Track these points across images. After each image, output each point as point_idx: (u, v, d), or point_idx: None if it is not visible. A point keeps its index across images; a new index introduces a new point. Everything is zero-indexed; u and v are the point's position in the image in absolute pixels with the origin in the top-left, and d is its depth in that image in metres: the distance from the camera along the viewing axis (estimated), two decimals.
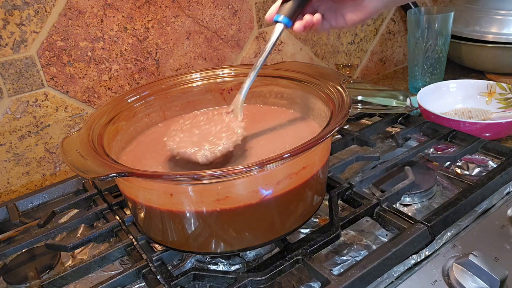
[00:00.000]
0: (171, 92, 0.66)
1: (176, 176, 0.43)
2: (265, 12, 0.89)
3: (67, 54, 0.71)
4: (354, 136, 0.72)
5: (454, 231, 0.53)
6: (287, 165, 0.45)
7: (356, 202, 0.57)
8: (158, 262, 0.51)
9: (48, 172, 0.75)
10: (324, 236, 0.50)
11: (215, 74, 0.67)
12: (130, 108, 0.61)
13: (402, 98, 0.80)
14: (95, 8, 0.71)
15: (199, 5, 0.81)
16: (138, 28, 0.76)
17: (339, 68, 0.97)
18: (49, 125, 0.72)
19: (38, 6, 0.66)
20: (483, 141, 0.68)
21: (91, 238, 0.56)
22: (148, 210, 0.49)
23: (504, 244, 0.51)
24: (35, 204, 0.67)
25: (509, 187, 0.59)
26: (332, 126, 0.46)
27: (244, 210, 0.45)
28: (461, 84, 0.88)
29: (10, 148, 0.70)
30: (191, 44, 0.83)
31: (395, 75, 1.17)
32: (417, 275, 0.48)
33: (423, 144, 0.69)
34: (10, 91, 0.67)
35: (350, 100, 0.51)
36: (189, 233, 0.48)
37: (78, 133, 0.51)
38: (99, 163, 0.44)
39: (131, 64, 0.77)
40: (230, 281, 0.47)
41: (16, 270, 0.56)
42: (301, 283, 0.49)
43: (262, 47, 0.92)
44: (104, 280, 0.48)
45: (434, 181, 0.62)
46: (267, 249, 0.55)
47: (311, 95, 0.60)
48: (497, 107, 0.84)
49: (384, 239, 0.54)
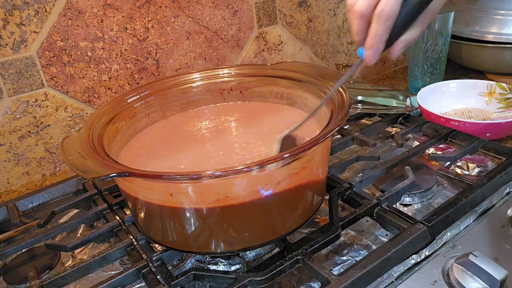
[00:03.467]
0: (171, 92, 0.66)
1: (176, 176, 0.43)
2: (265, 12, 0.89)
3: (67, 54, 0.71)
4: (354, 136, 0.72)
5: (454, 231, 0.53)
6: (287, 165, 0.45)
7: (356, 202, 0.57)
8: (158, 262, 0.51)
9: (48, 172, 0.75)
10: (324, 236, 0.50)
11: (215, 74, 0.67)
12: (130, 108, 0.61)
13: (402, 98, 0.80)
14: (95, 8, 0.71)
15: (199, 5, 0.81)
16: (138, 28, 0.76)
17: (339, 68, 0.97)
18: (49, 125, 0.72)
19: (38, 6, 0.66)
20: (483, 141, 0.68)
21: (91, 238, 0.56)
22: (148, 210, 0.49)
23: (504, 244, 0.51)
24: (35, 204, 0.67)
25: (509, 187, 0.59)
26: (332, 126, 0.46)
27: (244, 210, 0.45)
28: (461, 84, 0.88)
29: (10, 148, 0.70)
30: (191, 44, 0.83)
31: (395, 75, 1.17)
32: (417, 275, 0.48)
33: (423, 144, 0.69)
34: (10, 91, 0.67)
35: (350, 100, 0.51)
36: (189, 233, 0.48)
37: (78, 133, 0.51)
38: (99, 163, 0.44)
39: (131, 64, 0.77)
40: (230, 281, 0.47)
41: (16, 270, 0.56)
42: (301, 283, 0.49)
43: (262, 47, 0.92)
44: (104, 280, 0.48)
45: (434, 181, 0.62)
46: (267, 249, 0.55)
47: (311, 95, 0.60)
48: (497, 107, 0.84)
49: (384, 239, 0.54)
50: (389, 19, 0.42)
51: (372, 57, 0.46)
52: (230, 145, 0.58)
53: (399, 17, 0.43)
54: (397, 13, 0.43)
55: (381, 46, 0.45)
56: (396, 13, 0.43)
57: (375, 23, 0.43)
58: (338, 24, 1.04)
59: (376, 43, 0.44)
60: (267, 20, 0.91)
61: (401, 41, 0.45)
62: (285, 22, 0.94)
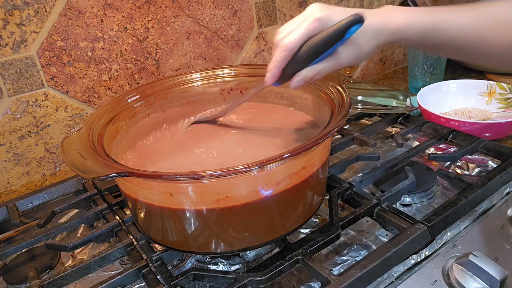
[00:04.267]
0: (171, 92, 0.66)
1: (176, 176, 0.43)
2: (265, 12, 0.89)
3: (67, 54, 0.71)
4: (354, 136, 0.72)
5: (454, 231, 0.53)
6: (287, 165, 0.45)
7: (356, 202, 0.57)
8: (158, 262, 0.51)
9: (48, 172, 0.75)
10: (324, 236, 0.50)
11: (215, 74, 0.67)
12: (130, 108, 0.61)
13: (402, 98, 0.80)
14: (95, 8, 0.71)
15: (199, 5, 0.81)
16: (138, 28, 0.76)
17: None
18: (49, 125, 0.72)
19: (38, 6, 0.66)
20: (483, 141, 0.68)
21: (91, 238, 0.56)
22: (148, 210, 0.49)
23: (504, 244, 0.51)
24: (35, 204, 0.67)
25: (509, 187, 0.59)
26: (332, 126, 0.46)
27: (244, 210, 0.45)
28: (461, 84, 0.88)
29: (10, 148, 0.70)
30: (191, 44, 0.83)
31: (395, 75, 1.17)
32: (417, 275, 0.48)
33: (423, 144, 0.69)
34: (10, 91, 0.67)
35: (350, 100, 0.51)
36: (189, 233, 0.48)
37: (78, 133, 0.51)
38: (99, 163, 0.44)
39: (131, 64, 0.77)
40: (230, 281, 0.47)
41: (16, 270, 0.56)
42: (301, 283, 0.49)
43: (262, 47, 0.92)
44: (104, 280, 0.48)
45: (434, 181, 0.62)
46: (267, 249, 0.55)
47: (311, 95, 0.60)
48: (497, 107, 0.84)
49: (384, 239, 0.54)
50: (286, 51, 0.48)
51: (268, 79, 0.51)
52: (231, 145, 0.58)
53: (298, 53, 0.48)
54: (295, 48, 0.48)
55: (276, 71, 0.50)
56: (294, 47, 0.48)
57: (275, 50, 0.49)
58: None
59: (272, 68, 0.50)
60: (267, 20, 0.91)
61: (298, 74, 0.49)
62: (285, 22, 0.94)
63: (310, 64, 0.49)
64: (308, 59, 0.48)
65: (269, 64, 0.50)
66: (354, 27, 0.45)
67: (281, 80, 0.51)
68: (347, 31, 0.45)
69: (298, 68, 0.49)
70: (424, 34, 0.49)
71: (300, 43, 0.48)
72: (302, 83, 0.50)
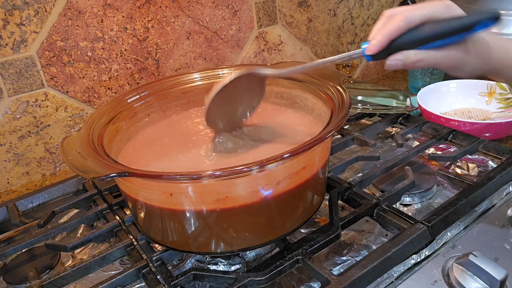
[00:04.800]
0: (171, 92, 0.66)
1: (176, 176, 0.43)
2: (265, 12, 0.89)
3: (67, 54, 0.71)
4: (354, 136, 0.72)
5: (454, 231, 0.53)
6: (287, 165, 0.45)
7: (356, 202, 0.57)
8: (158, 262, 0.51)
9: (48, 172, 0.75)
10: (324, 236, 0.50)
11: (215, 74, 0.67)
12: (130, 108, 0.61)
13: (402, 98, 0.81)
14: (95, 8, 0.71)
15: (199, 5, 0.81)
16: (138, 28, 0.76)
17: (339, 68, 0.97)
18: (49, 125, 0.72)
19: (38, 6, 0.66)
20: (483, 141, 0.68)
21: (91, 238, 0.56)
22: (148, 210, 0.49)
23: (504, 244, 0.51)
24: (35, 204, 0.67)
25: (509, 187, 0.59)
26: (332, 126, 0.46)
27: (244, 210, 0.45)
28: (461, 84, 0.88)
29: (10, 148, 0.70)
30: (191, 44, 0.83)
31: (395, 75, 1.17)
32: (417, 275, 0.48)
33: (423, 144, 0.69)
34: (10, 91, 0.67)
35: (350, 100, 0.51)
36: (189, 233, 0.48)
37: (78, 133, 0.51)
38: (99, 163, 0.44)
39: (131, 64, 0.77)
40: (230, 281, 0.47)
41: (16, 270, 0.56)
42: (301, 283, 0.49)
43: (262, 47, 0.92)
44: (104, 280, 0.48)
45: (434, 181, 0.62)
46: (267, 249, 0.55)
47: (311, 95, 0.60)
48: (497, 107, 0.84)
49: (384, 239, 0.54)
50: (404, 21, 0.44)
51: (374, 46, 0.45)
52: (231, 145, 0.58)
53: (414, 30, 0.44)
54: (415, 22, 0.44)
55: (384, 40, 0.45)
56: (414, 20, 0.44)
57: (391, 20, 0.45)
58: (338, 24, 1.04)
59: (381, 36, 0.45)
60: (267, 20, 0.91)
61: (401, 53, 0.45)
62: (285, 22, 0.94)
63: (418, 48, 0.45)
64: (425, 39, 0.44)
65: (374, 32, 0.45)
66: (488, 23, 0.42)
67: (379, 54, 0.46)
68: (480, 23, 0.42)
69: (403, 47, 0.45)
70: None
71: (422, 19, 0.44)
72: (400, 65, 0.45)
